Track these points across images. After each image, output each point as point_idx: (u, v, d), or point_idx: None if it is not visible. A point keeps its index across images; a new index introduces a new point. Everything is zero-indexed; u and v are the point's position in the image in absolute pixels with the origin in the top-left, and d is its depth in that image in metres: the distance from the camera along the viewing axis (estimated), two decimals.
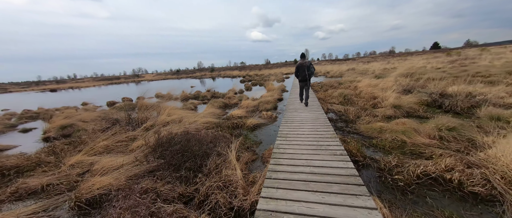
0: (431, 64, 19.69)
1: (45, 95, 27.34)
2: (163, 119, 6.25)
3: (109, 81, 64.21)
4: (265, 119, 6.30)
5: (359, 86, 10.08)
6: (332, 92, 9.30)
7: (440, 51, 63.72)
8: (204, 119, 6.03)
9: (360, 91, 8.62)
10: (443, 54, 36.40)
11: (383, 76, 13.36)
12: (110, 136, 4.88)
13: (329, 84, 11.63)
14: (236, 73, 44.04)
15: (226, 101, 9.58)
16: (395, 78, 11.43)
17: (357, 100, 7.32)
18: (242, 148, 3.91)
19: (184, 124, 5.71)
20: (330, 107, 6.86)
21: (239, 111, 6.95)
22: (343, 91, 8.40)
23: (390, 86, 8.79)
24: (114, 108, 9.98)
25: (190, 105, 9.02)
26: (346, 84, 11.37)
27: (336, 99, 7.84)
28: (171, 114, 7.16)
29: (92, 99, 16.87)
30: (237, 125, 5.69)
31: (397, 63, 25.22)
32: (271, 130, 5.36)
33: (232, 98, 9.79)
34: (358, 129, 4.59)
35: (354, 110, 5.90)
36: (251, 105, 8.04)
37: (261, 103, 8.03)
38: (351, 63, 39.83)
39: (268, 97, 9.40)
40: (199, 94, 12.75)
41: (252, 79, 24.61)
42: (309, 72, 5.95)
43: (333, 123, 5.18)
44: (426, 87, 8.32)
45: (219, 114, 7.30)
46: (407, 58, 32.77)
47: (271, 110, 7.51)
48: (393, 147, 3.57)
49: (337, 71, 23.31)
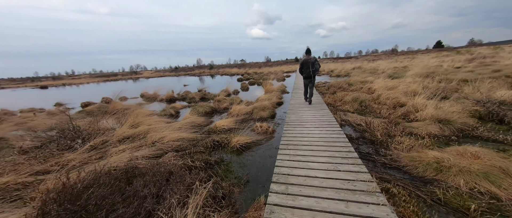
0: (445, 62, 18.01)
1: (30, 93, 25.73)
2: (121, 133, 4.66)
3: (106, 77, 62.70)
4: (259, 133, 4.71)
5: (374, 88, 8.46)
6: (342, 96, 7.69)
7: (445, 49, 61.77)
8: (176, 135, 4.44)
9: (378, 95, 7.01)
10: (451, 52, 34.62)
11: (397, 76, 11.73)
12: (25, 162, 3.31)
13: (337, 85, 10.02)
14: (234, 71, 42.39)
15: (214, 105, 7.99)
16: (414, 79, 9.81)
17: (378, 108, 5.72)
18: (213, 201, 2.32)
19: (145, 142, 4.13)
20: (344, 117, 5.26)
21: (226, 121, 5.36)
22: (357, 95, 6.79)
23: (414, 90, 7.18)
24: (81, 112, 8.40)
25: (171, 110, 7.42)
26: (356, 85, 9.75)
27: (349, 105, 6.23)
28: (139, 123, 5.58)
29: (72, 98, 15.30)
30: (219, 144, 4.10)
31: (406, 61, 23.51)
32: (265, 153, 3.77)
33: (222, 101, 8.20)
34: (397, 160, 3.00)
35: (380, 124, 4.31)
36: (243, 111, 6.44)
37: (255, 109, 6.43)
38: (355, 61, 38.08)
39: (265, 100, 7.80)
40: (187, 95, 11.15)
41: (251, 78, 22.96)
42: (314, 69, 5.60)
43: (355, 144, 3.60)
44: (461, 90, 6.71)
45: (201, 124, 5.71)
46: (415, 57, 31.02)
47: (268, 119, 5.92)
48: (481, 210, 1.98)
49: (341, 69, 21.63)
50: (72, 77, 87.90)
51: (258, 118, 6.00)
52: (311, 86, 6.01)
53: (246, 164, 3.41)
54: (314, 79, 5.89)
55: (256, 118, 6.04)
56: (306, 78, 5.96)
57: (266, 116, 6.06)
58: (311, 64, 5.64)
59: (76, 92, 23.14)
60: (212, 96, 10.68)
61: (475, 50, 33.52)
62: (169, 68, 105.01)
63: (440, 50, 65.69)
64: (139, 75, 69.07)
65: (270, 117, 6.10)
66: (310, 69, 5.67)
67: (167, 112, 7.33)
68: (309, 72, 5.72)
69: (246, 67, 55.49)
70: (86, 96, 16.79)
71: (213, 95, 10.78)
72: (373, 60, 35.30)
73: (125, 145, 4.09)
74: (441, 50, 64.63)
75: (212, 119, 6.54)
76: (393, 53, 79.32)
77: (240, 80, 22.14)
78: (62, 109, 9.70)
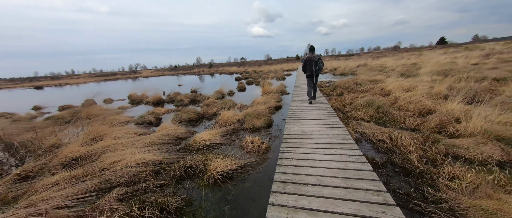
0: (457, 59, 16.75)
1: (21, 93, 24.75)
2: (68, 153, 3.57)
3: (105, 77, 61.90)
4: (249, 152, 3.60)
5: (388, 89, 7.31)
6: (351, 99, 6.55)
7: (450, 46, 60.02)
8: (138, 157, 3.33)
9: (395, 98, 5.86)
10: (458, 48, 33.18)
11: (410, 74, 10.54)
12: None
13: (343, 85, 8.86)
14: (233, 70, 41.31)
15: (202, 110, 6.89)
16: (431, 78, 8.64)
17: (399, 115, 4.57)
18: None
19: (92, 169, 3.03)
20: (358, 128, 4.14)
21: (210, 134, 4.25)
22: (370, 99, 5.64)
23: (439, 91, 6.02)
24: (49, 118, 7.32)
25: (150, 117, 6.32)
26: (366, 86, 8.59)
27: (363, 111, 5.10)
28: (102, 136, 4.49)
29: (58, 100, 14.24)
30: (192, 172, 3.00)
31: (414, 58, 22.22)
32: (254, 190, 2.66)
33: (211, 105, 7.08)
34: (460, 213, 1.88)
35: (411, 141, 3.17)
36: (233, 119, 5.33)
37: (248, 116, 5.31)
38: (358, 58, 36.78)
39: (261, 104, 6.68)
40: (176, 97, 10.03)
41: (250, 77, 21.83)
42: (317, 67, 5.51)
43: (381, 175, 2.49)
44: (499, 92, 5.56)
45: (179, 137, 4.60)
46: (422, 53, 29.65)
47: (262, 130, 4.81)
48: None
49: (345, 67, 20.41)
50: (71, 76, 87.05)
51: (251, 128, 4.89)
52: (314, 84, 5.97)
53: (225, 211, 2.30)
54: (317, 77, 5.84)
55: (248, 127, 4.92)
56: (309, 77, 5.83)
57: (260, 126, 4.94)
58: (315, 62, 5.51)
59: (67, 92, 22.13)
60: (204, 97, 9.56)
61: (485, 46, 32.08)
62: (170, 67, 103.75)
63: (445, 46, 64.02)
64: (138, 75, 68.22)
65: (265, 126, 4.98)
66: (313, 67, 5.55)
67: (146, 119, 6.23)
68: (313, 70, 5.59)
69: (246, 65, 54.31)
70: (73, 97, 15.73)
71: (205, 97, 9.65)
72: (377, 57, 33.98)
73: (65, 172, 3.00)
74: (445, 46, 62.96)
75: (196, 128, 5.43)
76: (396, 50, 77.56)
77: (238, 79, 21.01)
78: (32, 114, 8.63)
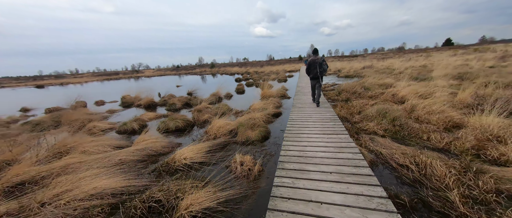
0: (470, 61, 15.83)
1: (21, 92, 24.41)
2: (14, 175, 2.90)
3: (107, 76, 61.97)
4: (238, 177, 2.90)
5: (401, 95, 6.54)
6: (360, 106, 5.80)
7: (456, 47, 58.55)
8: (100, 183, 2.65)
9: (411, 106, 5.09)
10: (467, 50, 32.02)
11: (422, 77, 9.72)
12: None
13: (350, 89, 8.09)
14: (235, 70, 40.70)
15: (194, 116, 6.21)
16: (448, 82, 7.83)
17: (420, 129, 3.82)
18: None
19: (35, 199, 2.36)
20: (371, 145, 3.40)
21: (194, 150, 3.56)
22: (383, 108, 4.88)
23: (463, 99, 5.24)
24: (27, 123, 6.70)
25: (133, 124, 5.65)
26: (375, 90, 7.82)
27: (375, 123, 4.35)
28: (69, 149, 3.83)
29: (52, 100, 13.70)
30: (159, 208, 2.31)
31: (422, 60, 21.27)
32: None
33: (203, 111, 6.40)
34: None
35: (445, 169, 2.44)
36: (223, 130, 4.62)
37: (241, 126, 4.59)
38: (362, 59, 35.82)
39: (258, 111, 5.98)
40: (169, 99, 9.37)
41: (251, 77, 21.15)
42: (322, 69, 5.43)
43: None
44: None
45: (159, 152, 3.92)
46: (430, 55, 28.60)
47: (256, 144, 4.09)
48: None
49: (350, 69, 19.58)
50: (74, 75, 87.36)
51: (244, 141, 4.18)
52: (318, 86, 5.75)
53: None
54: (321, 80, 5.67)
55: (241, 140, 4.21)
56: (313, 79, 5.74)
57: (255, 138, 4.23)
58: (319, 64, 5.39)
59: (65, 92, 21.67)
60: (199, 101, 8.88)
61: (495, 47, 30.90)
62: (172, 66, 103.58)
63: (451, 47, 62.48)
64: (141, 74, 68.19)
65: (260, 139, 4.26)
66: (318, 69, 5.42)
67: (129, 127, 5.56)
68: (317, 72, 5.47)
69: (247, 66, 53.68)
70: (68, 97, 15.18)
71: (200, 100, 8.99)
72: (383, 58, 32.99)
73: None
74: (452, 47, 61.44)
75: (182, 139, 4.74)
76: (401, 51, 76.14)
77: (239, 80, 20.33)
78: (8, 119, 8.03)
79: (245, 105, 7.84)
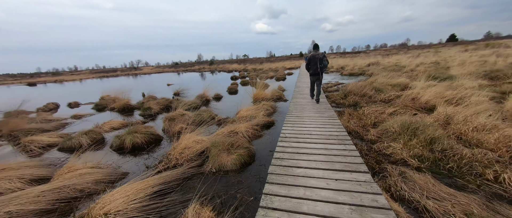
0: (486, 57, 14.40)
1: (9, 91, 23.25)
2: None
3: (105, 73, 60.93)
4: None
5: (425, 100, 5.25)
6: (374, 114, 4.52)
7: (461, 43, 56.69)
8: None
9: (446, 118, 3.80)
10: (478, 45, 30.40)
11: (441, 76, 8.38)
12: None
13: (358, 91, 6.78)
14: (233, 67, 39.36)
15: (165, 126, 4.97)
16: (477, 82, 6.51)
17: (474, 159, 2.55)
18: None
19: None
20: (406, 190, 2.14)
21: (129, 193, 2.32)
22: (410, 120, 3.58)
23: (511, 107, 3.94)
24: None
25: (82, 139, 4.39)
26: (388, 92, 6.52)
27: (402, 144, 3.06)
28: None
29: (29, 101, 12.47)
30: None
31: (431, 56, 19.81)
32: None
33: (177, 120, 5.15)
34: None
35: None
36: (189, 152, 3.35)
37: (214, 147, 3.32)
38: (366, 56, 34.31)
39: (244, 121, 4.72)
40: (144, 103, 8.06)
41: (248, 75, 19.82)
42: (322, 65, 5.21)
43: None
44: None
45: (85, 190, 2.67)
46: (440, 50, 27.03)
47: (232, 175, 2.83)
48: None
49: (354, 66, 18.19)
50: (72, 73, 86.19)
51: (215, 171, 2.93)
52: (318, 83, 5.59)
53: None
54: (322, 76, 5.50)
55: (211, 170, 2.96)
56: (313, 75, 5.54)
57: (230, 167, 2.98)
58: (319, 60, 5.21)
59: (51, 90, 20.46)
60: (181, 104, 7.60)
61: (507, 42, 29.27)
62: (172, 63, 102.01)
63: (457, 43, 60.57)
64: (139, 71, 67.09)
65: (238, 168, 3.01)
66: (318, 65, 5.24)
67: (75, 143, 4.31)
68: (317, 68, 5.29)
69: (247, 63, 52.22)
70: (53, 96, 13.96)
71: (183, 102, 7.70)
72: (387, 55, 31.50)
73: None
74: (457, 43, 59.55)
75: (132, 164, 3.49)
76: (404, 47, 74.13)
77: (234, 78, 19.02)
78: None
79: (233, 110, 6.59)
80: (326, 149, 2.87)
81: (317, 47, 5.29)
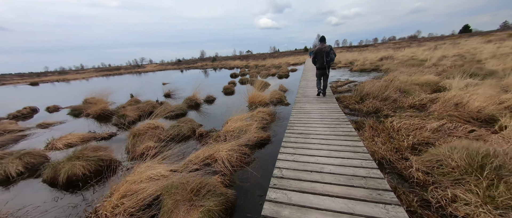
0: None
1: (11, 91, 22.81)
2: None
3: (109, 71, 60.87)
4: None
5: (476, 107, 3.90)
6: (410, 128, 3.23)
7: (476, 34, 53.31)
8: None
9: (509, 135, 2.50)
10: (503, 35, 28.00)
11: (479, 73, 6.90)
12: None
13: (377, 92, 5.43)
14: (235, 64, 38.16)
15: (128, 144, 3.82)
16: None
17: None
18: None
19: None
20: None
21: None
22: (478, 148, 2.30)
23: None
24: None
25: (10, 167, 3.30)
26: (416, 94, 5.16)
27: (481, 196, 1.81)
28: None
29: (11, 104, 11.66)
30: None
31: (452, 48, 17.94)
32: None
33: (148, 134, 4.00)
34: None
35: None
36: (135, 201, 2.18)
37: (169, 194, 2.14)
38: (375, 50, 32.30)
39: (231, 137, 3.51)
40: (119, 110, 6.90)
41: (248, 73, 18.54)
42: (329, 58, 5.03)
43: None
44: None
45: None
46: (458, 42, 24.89)
47: None
48: None
49: (364, 60, 16.60)
50: (77, 71, 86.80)
51: None
52: (325, 78, 5.41)
53: None
54: (328, 69, 5.26)
55: None
56: (319, 69, 5.29)
57: None
58: (326, 53, 4.96)
59: (44, 92, 19.77)
60: (162, 109, 6.43)
61: None
62: (176, 60, 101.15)
63: (472, 35, 57.09)
64: (142, 69, 66.81)
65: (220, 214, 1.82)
66: (325, 59, 5.00)
67: (4, 171, 3.21)
68: (323, 62, 5.05)
69: (249, 59, 50.73)
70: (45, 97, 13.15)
71: (165, 109, 6.54)
72: (398, 48, 29.45)
73: None
74: (472, 34, 56.10)
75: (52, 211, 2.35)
76: (414, 40, 70.73)
77: (234, 76, 17.78)
78: None
79: (224, 117, 5.38)
80: (347, 201, 1.62)
81: (324, 39, 5.10)
